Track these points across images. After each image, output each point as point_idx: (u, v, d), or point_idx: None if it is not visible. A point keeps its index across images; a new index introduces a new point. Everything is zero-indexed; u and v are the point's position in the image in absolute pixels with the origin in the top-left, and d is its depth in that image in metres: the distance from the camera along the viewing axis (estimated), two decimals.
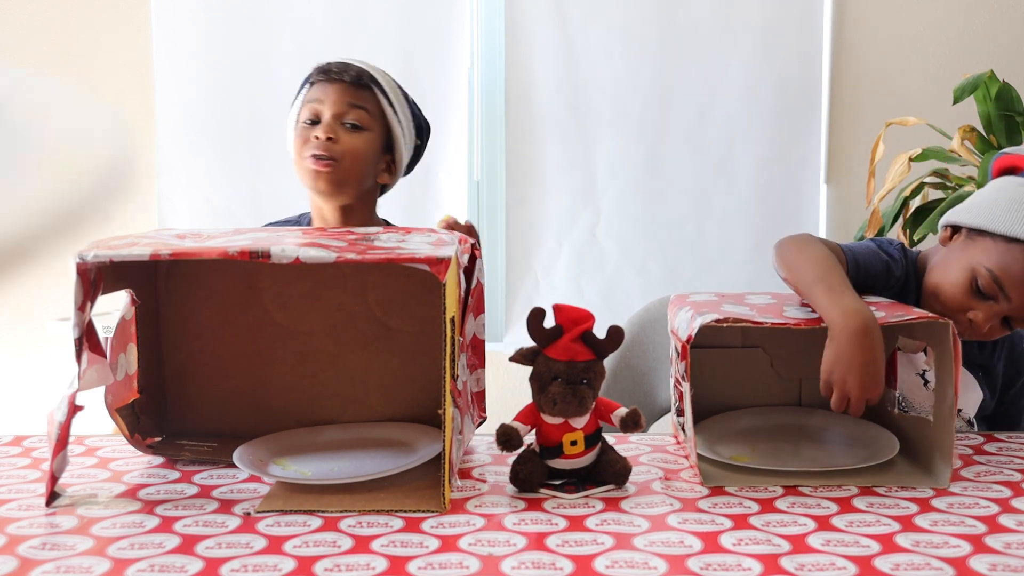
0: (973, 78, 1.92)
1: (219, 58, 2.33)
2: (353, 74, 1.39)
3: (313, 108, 1.39)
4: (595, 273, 2.39)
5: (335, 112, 1.38)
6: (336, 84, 1.39)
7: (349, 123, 1.38)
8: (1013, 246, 1.07)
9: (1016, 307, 1.08)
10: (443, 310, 0.78)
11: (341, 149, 1.36)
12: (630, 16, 2.33)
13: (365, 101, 1.39)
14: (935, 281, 1.13)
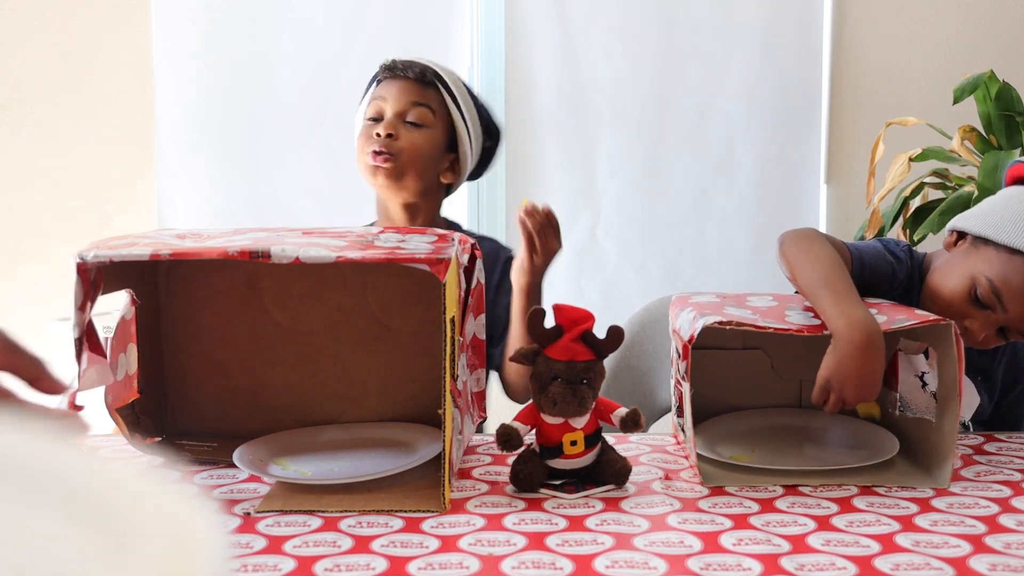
0: (973, 78, 1.92)
1: (219, 58, 2.33)
2: (417, 71, 1.39)
3: (377, 105, 1.39)
4: (595, 273, 2.39)
5: (397, 110, 1.38)
6: (400, 81, 1.39)
7: (411, 121, 1.38)
8: (1015, 258, 1.07)
9: (1012, 318, 1.08)
10: (443, 310, 0.78)
11: (401, 146, 1.36)
12: (630, 16, 2.33)
13: (428, 99, 1.39)
14: (935, 285, 1.14)
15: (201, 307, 1.05)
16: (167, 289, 1.05)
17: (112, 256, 0.80)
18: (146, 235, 0.88)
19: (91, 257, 0.80)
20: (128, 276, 0.95)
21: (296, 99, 2.32)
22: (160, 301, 1.05)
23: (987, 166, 1.79)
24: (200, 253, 0.79)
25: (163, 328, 1.05)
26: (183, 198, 2.35)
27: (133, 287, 0.96)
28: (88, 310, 0.82)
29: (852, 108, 2.35)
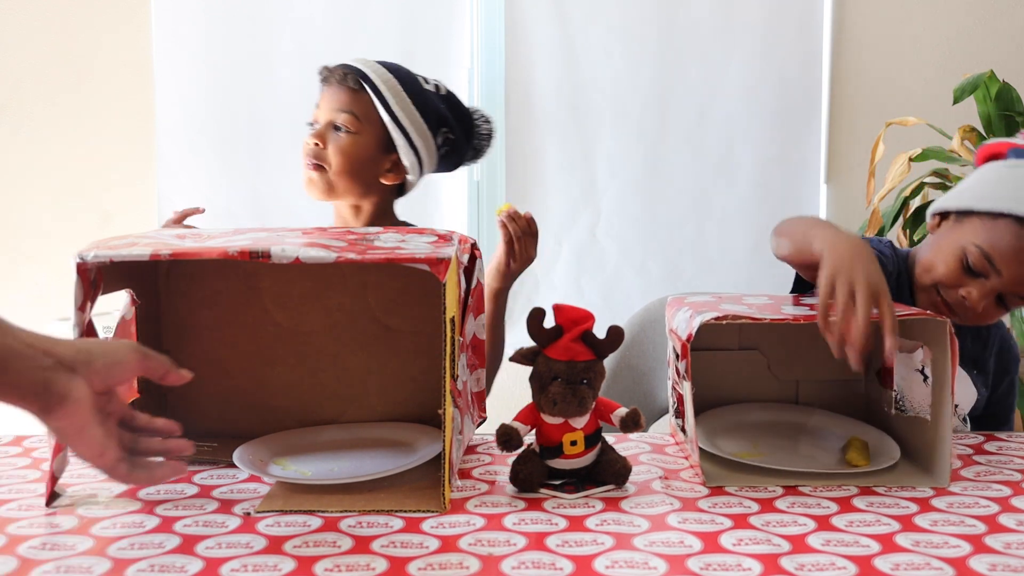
0: (973, 78, 1.92)
1: (219, 58, 2.33)
2: (340, 75, 1.40)
3: (314, 112, 1.42)
4: (595, 273, 2.39)
5: (328, 118, 1.40)
6: (330, 88, 1.42)
7: (339, 126, 1.39)
8: (999, 221, 1.09)
9: (1008, 282, 1.10)
10: (443, 310, 0.78)
11: (328, 154, 1.38)
12: (630, 16, 2.33)
13: (355, 104, 1.40)
14: (928, 261, 1.16)
15: (201, 307, 1.05)
16: (167, 289, 1.05)
17: (112, 256, 0.80)
18: (146, 235, 0.88)
19: (91, 257, 0.80)
20: (128, 276, 0.95)
21: (296, 99, 2.32)
22: (160, 301, 1.05)
23: None
24: (200, 253, 0.79)
25: (163, 328, 1.05)
26: (183, 198, 2.35)
27: (133, 287, 0.96)
28: (88, 310, 0.82)
29: (852, 108, 2.35)
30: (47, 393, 0.66)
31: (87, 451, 0.71)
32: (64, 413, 0.67)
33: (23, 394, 0.66)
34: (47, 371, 0.66)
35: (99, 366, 0.70)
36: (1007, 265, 1.09)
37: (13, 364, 0.65)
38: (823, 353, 1.12)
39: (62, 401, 0.67)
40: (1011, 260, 1.09)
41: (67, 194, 2.38)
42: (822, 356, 1.12)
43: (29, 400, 0.66)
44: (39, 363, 0.66)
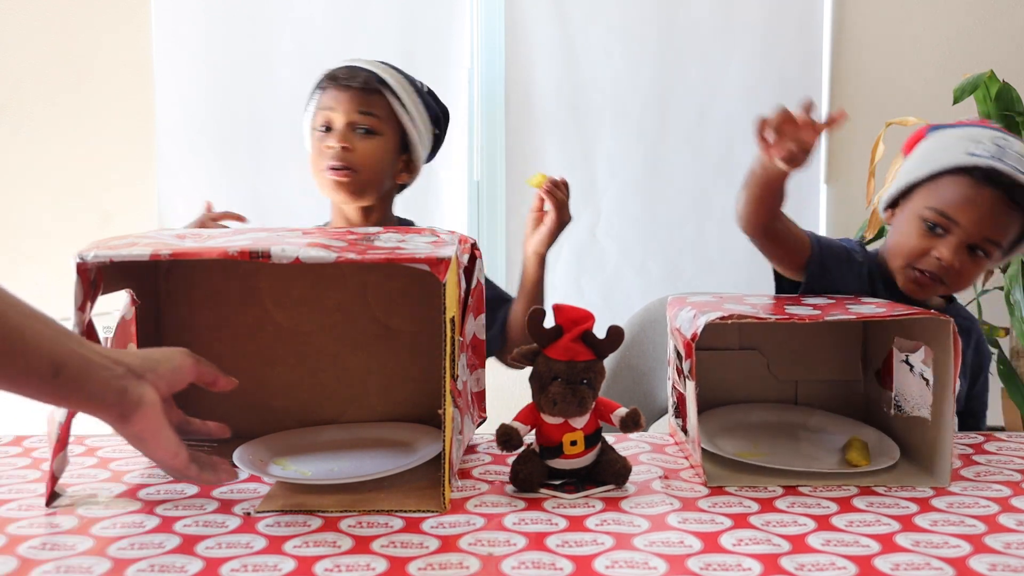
0: (973, 78, 1.92)
1: (219, 58, 2.33)
2: (361, 80, 1.39)
3: (325, 115, 1.40)
4: (595, 273, 2.39)
5: (347, 120, 1.38)
6: (346, 91, 1.39)
7: (362, 129, 1.38)
8: (941, 180, 1.18)
9: (971, 230, 1.16)
10: (443, 310, 0.78)
11: (357, 158, 1.38)
12: (630, 16, 2.33)
13: (375, 106, 1.40)
14: (894, 244, 1.22)
15: (201, 307, 1.05)
16: (167, 289, 1.05)
17: (112, 256, 0.80)
18: (146, 235, 0.88)
19: (91, 257, 0.80)
20: (128, 276, 0.95)
21: (296, 99, 2.31)
22: (160, 301, 1.05)
23: None
24: (200, 253, 0.79)
25: (163, 328, 1.05)
26: (183, 198, 2.35)
27: (133, 287, 0.96)
28: (88, 310, 0.82)
29: (852, 108, 2.35)
30: (124, 400, 0.69)
31: (163, 454, 0.74)
32: (140, 417, 0.70)
33: (103, 402, 0.69)
34: (121, 379, 0.69)
35: (164, 372, 0.73)
36: (962, 214, 1.15)
37: (93, 374, 0.68)
38: (823, 353, 1.13)
39: (138, 406, 0.70)
40: (964, 208, 1.15)
41: (67, 194, 2.38)
42: (822, 356, 1.13)
43: (108, 408, 0.69)
44: (114, 372, 0.69)
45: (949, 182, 1.17)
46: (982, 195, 1.15)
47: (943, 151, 1.20)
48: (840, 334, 1.12)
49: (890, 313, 0.90)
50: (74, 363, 0.67)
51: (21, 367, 0.64)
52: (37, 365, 0.65)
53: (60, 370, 0.66)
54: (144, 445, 0.73)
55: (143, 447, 0.73)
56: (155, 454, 0.74)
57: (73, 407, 0.70)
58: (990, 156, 1.15)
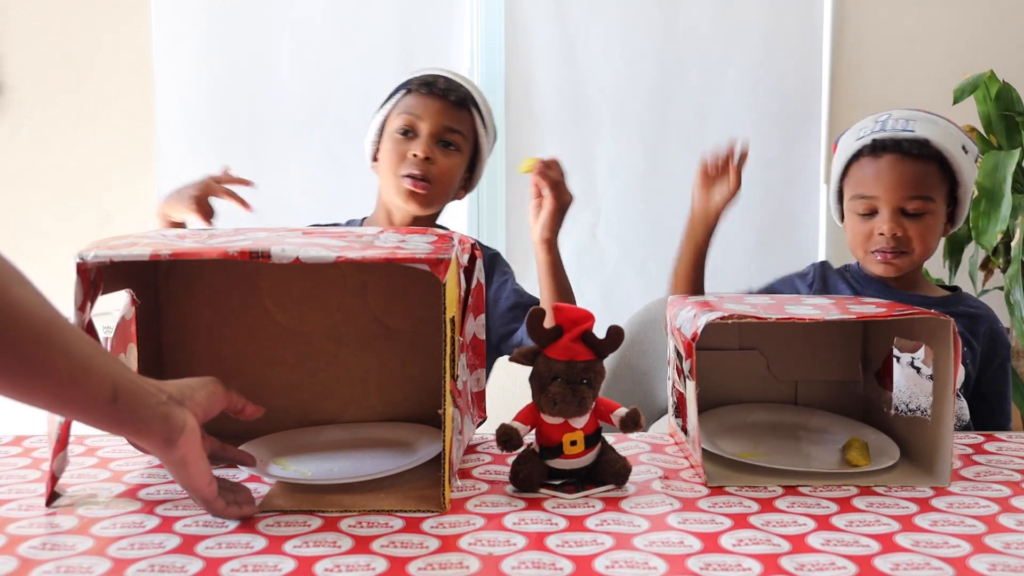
0: (973, 78, 1.92)
1: (219, 58, 2.33)
2: (458, 96, 1.39)
3: (410, 120, 1.38)
4: (595, 273, 2.39)
5: (432, 131, 1.37)
6: (438, 101, 1.38)
7: (445, 142, 1.37)
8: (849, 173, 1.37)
9: (891, 196, 1.29)
10: (443, 310, 0.78)
11: (437, 171, 1.37)
12: (630, 16, 2.33)
13: (462, 123, 1.40)
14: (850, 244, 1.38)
15: (201, 307, 1.05)
16: (167, 289, 1.05)
17: (112, 256, 0.80)
18: (146, 235, 0.88)
19: (91, 257, 0.80)
20: (128, 276, 0.95)
21: (296, 99, 2.32)
22: (160, 301, 1.05)
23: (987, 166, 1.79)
24: (200, 253, 0.79)
25: (163, 328, 1.05)
26: None
27: (133, 287, 0.96)
28: (88, 310, 0.82)
29: (852, 108, 2.35)
30: (169, 425, 0.71)
31: (201, 480, 0.75)
32: (184, 443, 0.72)
33: (151, 428, 0.71)
34: (165, 405, 0.72)
35: (200, 399, 0.76)
36: (874, 187, 1.30)
37: (144, 399, 0.70)
38: (823, 353, 1.13)
39: (182, 432, 0.72)
40: (873, 182, 1.31)
41: (67, 194, 2.38)
42: (822, 356, 1.13)
43: (154, 433, 0.71)
44: (159, 398, 0.72)
45: (854, 171, 1.35)
46: (880, 164, 1.31)
47: (843, 150, 1.39)
48: (840, 334, 1.12)
49: (890, 313, 0.90)
50: (128, 389, 0.69)
51: (88, 394, 0.67)
52: (100, 391, 0.67)
53: (118, 395, 0.68)
54: (185, 470, 0.74)
55: (183, 472, 0.74)
56: (192, 480, 0.75)
57: (126, 433, 0.71)
58: (871, 132, 1.34)
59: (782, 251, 2.37)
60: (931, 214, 1.30)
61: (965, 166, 1.31)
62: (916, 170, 1.29)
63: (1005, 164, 1.77)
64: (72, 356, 0.65)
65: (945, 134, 1.32)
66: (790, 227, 2.37)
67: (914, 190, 1.29)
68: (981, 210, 1.76)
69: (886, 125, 1.33)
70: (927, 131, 1.30)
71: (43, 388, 0.65)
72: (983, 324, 1.36)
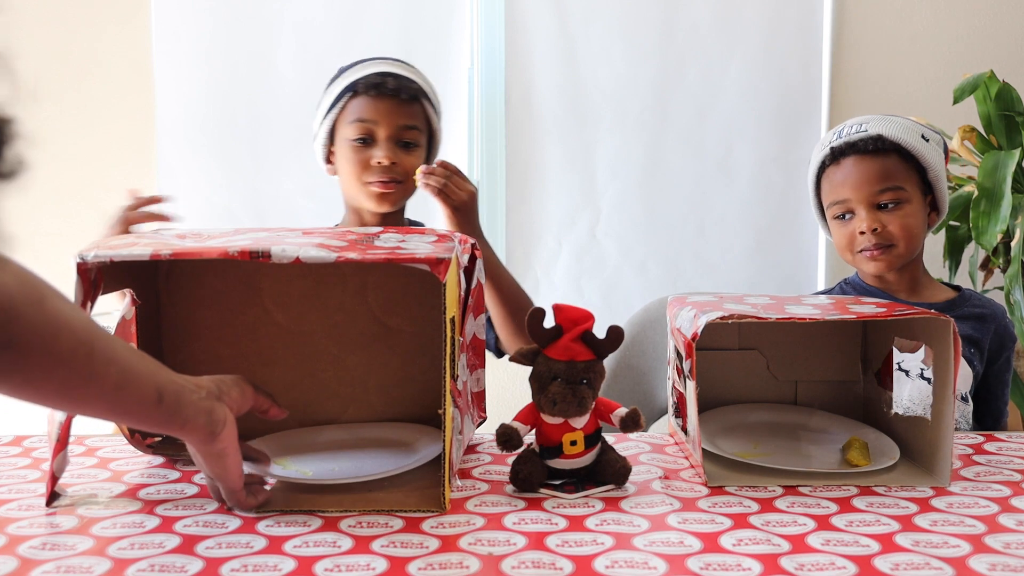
0: (973, 78, 1.92)
1: (219, 58, 2.33)
2: (410, 93, 1.37)
3: (365, 127, 1.37)
4: (595, 273, 2.39)
5: (389, 133, 1.36)
6: (389, 102, 1.37)
7: (404, 143, 1.37)
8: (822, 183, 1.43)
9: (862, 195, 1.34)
10: (443, 310, 0.78)
11: (402, 171, 1.37)
12: (630, 16, 2.33)
13: (416, 118, 1.39)
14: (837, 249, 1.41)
15: (201, 307, 1.05)
16: (167, 289, 1.05)
17: (112, 256, 0.80)
18: (146, 235, 0.88)
19: (91, 257, 0.80)
20: (128, 276, 0.95)
21: (296, 99, 2.32)
22: (160, 301, 1.05)
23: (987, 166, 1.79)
24: (200, 253, 0.79)
25: (163, 328, 1.05)
26: (183, 198, 2.35)
27: (133, 287, 0.96)
28: (88, 310, 0.82)
29: (852, 108, 2.35)
30: (212, 419, 0.74)
31: (235, 472, 0.78)
32: (225, 435, 0.75)
33: (195, 424, 0.73)
34: (206, 400, 0.74)
35: (234, 395, 0.78)
36: (846, 190, 1.36)
37: (186, 397, 0.72)
38: (823, 353, 1.13)
39: (224, 425, 0.75)
40: (844, 186, 1.36)
41: (67, 194, 2.38)
42: (822, 356, 1.13)
43: (199, 428, 0.73)
44: (199, 395, 0.74)
45: (824, 182, 1.42)
46: (843, 168, 1.37)
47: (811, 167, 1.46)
48: (840, 334, 1.12)
49: (890, 313, 0.90)
50: (171, 389, 0.71)
51: (136, 398, 0.68)
52: (146, 394, 0.69)
53: (163, 397, 0.70)
54: (223, 463, 0.76)
55: (221, 464, 0.76)
56: (228, 472, 0.77)
57: (172, 430, 0.73)
58: (829, 143, 1.40)
59: (782, 251, 2.37)
60: (907, 203, 1.34)
61: (928, 152, 1.35)
62: (877, 164, 1.34)
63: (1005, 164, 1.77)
64: (117, 363, 0.67)
65: (899, 127, 1.36)
66: (790, 227, 2.37)
67: (880, 183, 1.34)
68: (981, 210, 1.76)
69: (842, 133, 1.39)
70: (880, 127, 1.35)
71: (96, 397, 0.66)
72: (992, 322, 1.37)
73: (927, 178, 1.36)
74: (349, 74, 1.42)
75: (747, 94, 2.34)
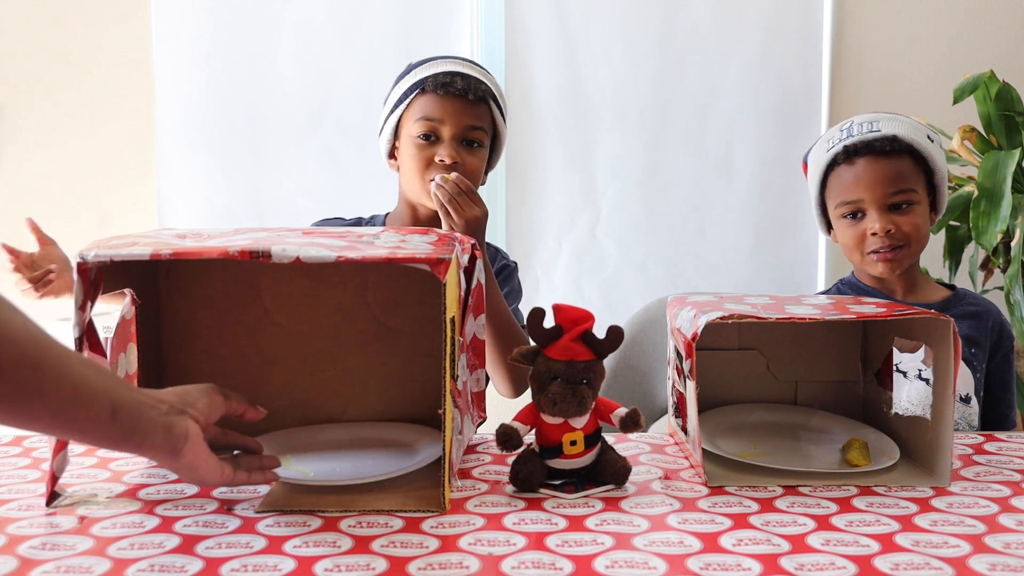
0: (973, 78, 1.92)
1: (219, 58, 2.33)
2: (478, 94, 1.36)
3: (431, 125, 1.36)
4: (595, 273, 2.39)
5: (455, 133, 1.35)
6: (456, 101, 1.35)
7: (468, 141, 1.36)
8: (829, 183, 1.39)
9: (875, 196, 1.32)
10: (443, 310, 0.78)
11: (465, 170, 1.35)
12: (630, 16, 2.33)
13: (483, 119, 1.38)
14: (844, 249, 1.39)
15: (201, 307, 1.05)
16: (167, 289, 1.05)
17: (112, 256, 0.80)
18: (146, 235, 0.88)
19: (91, 257, 0.80)
20: (128, 276, 0.95)
21: (296, 99, 2.32)
22: (160, 301, 1.05)
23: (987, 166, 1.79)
24: (200, 253, 0.79)
25: (163, 328, 1.05)
26: (183, 198, 2.35)
27: (133, 287, 0.96)
28: (88, 310, 0.82)
29: (852, 108, 2.35)
30: (172, 435, 0.73)
31: (213, 476, 0.78)
32: (189, 449, 0.74)
33: (154, 441, 0.72)
34: (166, 415, 0.73)
35: (201, 407, 0.77)
36: (859, 190, 1.33)
37: (144, 413, 0.71)
38: (823, 353, 1.13)
39: (186, 440, 0.74)
40: (855, 186, 1.33)
41: (67, 194, 2.38)
42: (822, 356, 1.13)
43: (158, 445, 0.73)
44: (159, 410, 0.73)
45: (832, 180, 1.38)
46: (857, 167, 1.34)
47: (816, 164, 1.41)
48: (840, 334, 1.12)
49: (890, 313, 0.90)
50: (128, 405, 0.70)
51: (86, 414, 0.67)
52: (99, 410, 0.68)
53: (117, 413, 0.69)
54: (195, 472, 0.76)
55: (194, 474, 0.77)
56: (206, 478, 0.78)
57: (128, 448, 0.73)
58: (840, 140, 1.37)
59: (782, 251, 2.37)
60: (917, 204, 1.33)
61: (935, 153, 1.35)
62: (892, 166, 1.33)
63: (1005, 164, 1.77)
64: (66, 377, 0.65)
65: (910, 127, 1.35)
66: (790, 227, 2.37)
67: (895, 185, 1.32)
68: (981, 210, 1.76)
69: (852, 131, 1.36)
70: (893, 128, 1.34)
71: (41, 412, 0.65)
72: (988, 320, 1.38)
73: (933, 180, 1.36)
74: (419, 71, 1.41)
75: (747, 94, 2.34)
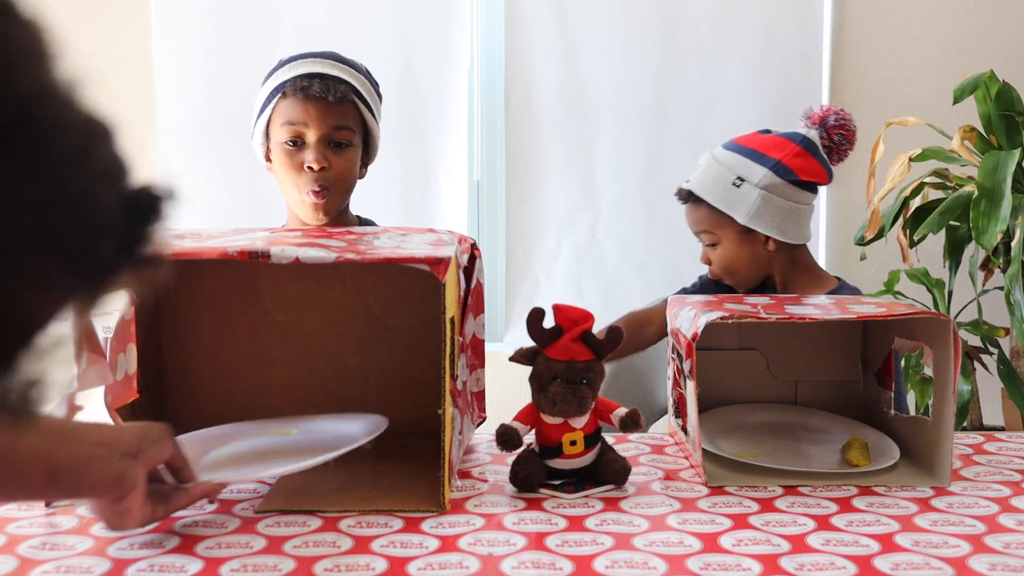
0: (973, 78, 1.92)
1: (219, 58, 2.33)
2: (337, 95, 1.32)
3: (295, 130, 1.34)
4: (595, 273, 2.39)
5: (320, 135, 1.33)
6: (318, 103, 1.32)
7: (335, 143, 1.34)
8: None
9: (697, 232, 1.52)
10: (443, 310, 0.78)
11: (334, 174, 1.33)
12: (630, 16, 2.33)
13: (347, 118, 1.35)
14: None
15: (201, 307, 1.05)
16: (167, 289, 1.05)
17: None
18: None
19: None
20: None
21: None
22: (160, 301, 1.05)
23: (987, 166, 1.79)
24: (200, 253, 0.79)
25: (163, 328, 1.05)
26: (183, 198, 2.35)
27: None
28: None
29: (852, 108, 2.33)
30: (122, 484, 0.70)
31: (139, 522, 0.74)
32: (132, 497, 0.71)
33: (100, 490, 0.70)
34: (118, 463, 0.70)
35: (153, 452, 0.74)
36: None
37: (90, 467, 0.69)
38: (823, 353, 1.13)
39: (134, 487, 0.71)
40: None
41: None
42: (822, 356, 1.13)
43: (104, 495, 0.70)
44: (110, 459, 0.70)
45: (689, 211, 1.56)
46: (688, 210, 1.55)
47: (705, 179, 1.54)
48: (840, 334, 1.12)
49: (890, 313, 0.90)
50: (69, 466, 0.68)
51: (20, 483, 0.66)
52: (34, 478, 0.66)
53: (58, 477, 0.67)
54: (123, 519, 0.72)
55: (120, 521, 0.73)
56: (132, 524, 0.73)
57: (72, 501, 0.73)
58: (687, 181, 1.54)
59: None
60: (717, 244, 1.53)
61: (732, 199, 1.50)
62: (697, 212, 1.53)
63: (1005, 164, 1.77)
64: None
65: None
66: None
67: (697, 227, 1.54)
68: (981, 210, 1.76)
69: (697, 172, 1.54)
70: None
71: None
72: None
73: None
74: (280, 73, 1.38)
75: (747, 94, 2.34)
